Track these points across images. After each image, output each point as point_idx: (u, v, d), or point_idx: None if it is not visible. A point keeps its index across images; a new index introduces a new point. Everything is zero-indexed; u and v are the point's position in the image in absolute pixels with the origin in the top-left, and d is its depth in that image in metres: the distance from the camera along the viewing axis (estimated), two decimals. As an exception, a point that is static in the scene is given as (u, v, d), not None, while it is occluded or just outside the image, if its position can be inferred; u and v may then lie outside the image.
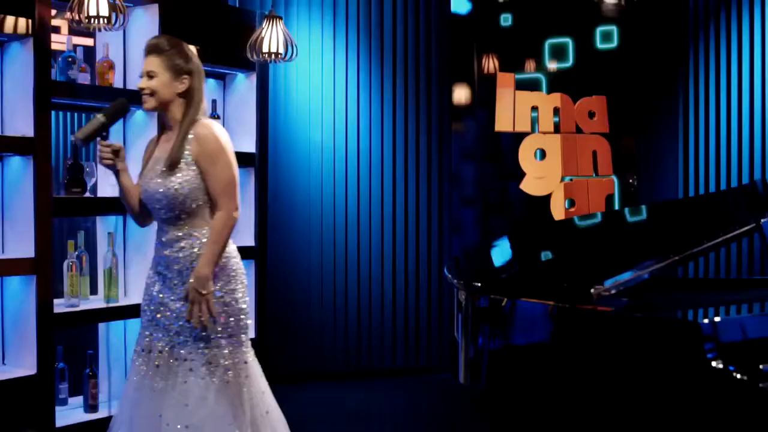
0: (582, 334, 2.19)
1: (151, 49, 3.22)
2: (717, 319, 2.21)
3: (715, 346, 1.93)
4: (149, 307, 3.31)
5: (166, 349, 3.21)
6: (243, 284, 3.32)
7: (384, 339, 6.21)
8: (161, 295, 3.26)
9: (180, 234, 3.22)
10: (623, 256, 2.71)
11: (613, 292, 2.22)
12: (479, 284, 2.48)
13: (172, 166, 3.16)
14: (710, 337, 1.94)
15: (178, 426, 3.10)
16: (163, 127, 3.35)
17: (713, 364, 1.94)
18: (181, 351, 3.18)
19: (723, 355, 1.95)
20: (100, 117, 3.16)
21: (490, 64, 6.16)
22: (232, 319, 3.24)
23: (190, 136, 3.19)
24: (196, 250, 3.21)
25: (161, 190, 3.19)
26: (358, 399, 5.61)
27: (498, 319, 2.35)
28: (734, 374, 1.94)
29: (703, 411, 2.01)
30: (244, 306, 3.29)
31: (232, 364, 3.21)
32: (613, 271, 2.38)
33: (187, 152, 3.18)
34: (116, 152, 3.20)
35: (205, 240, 3.21)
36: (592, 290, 2.20)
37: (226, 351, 3.21)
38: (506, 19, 6.12)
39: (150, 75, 3.20)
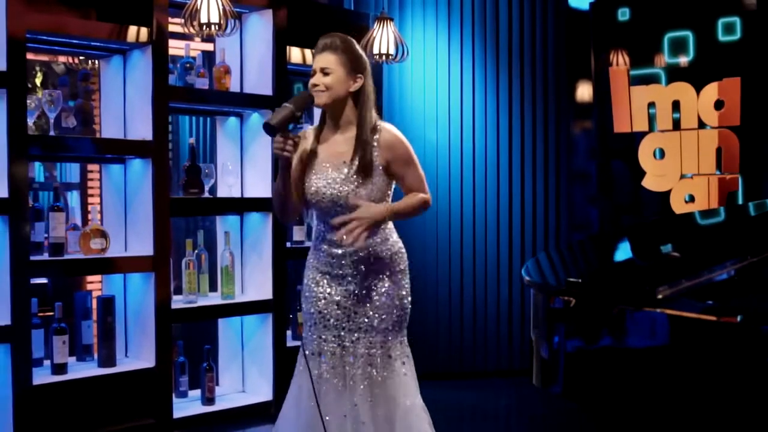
0: (645, 335, 2.14)
1: (326, 47, 3.17)
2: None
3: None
4: (316, 309, 3.24)
5: (338, 349, 3.19)
6: (409, 281, 3.33)
7: (500, 340, 6.17)
8: (330, 293, 3.22)
9: None
10: (709, 256, 2.61)
11: (671, 293, 2.15)
12: (552, 285, 2.44)
13: (366, 173, 3.14)
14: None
15: (371, 422, 3.11)
16: (323, 125, 3.29)
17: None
18: (356, 348, 3.18)
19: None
20: (289, 106, 3.04)
21: (608, 59, 6.01)
22: (402, 313, 3.25)
23: (374, 142, 3.17)
24: (374, 250, 3.21)
25: (347, 196, 3.14)
26: (471, 399, 5.60)
27: (572, 320, 2.31)
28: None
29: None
30: (409, 301, 3.30)
31: (406, 357, 3.24)
32: (690, 271, 2.30)
33: (375, 157, 3.16)
34: (296, 145, 3.08)
35: (381, 240, 3.22)
36: (659, 294, 2.14)
37: (398, 344, 3.23)
38: (624, 14, 5.97)
39: (325, 72, 3.13)
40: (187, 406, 4.75)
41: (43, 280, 5.02)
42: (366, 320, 3.19)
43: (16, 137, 3.99)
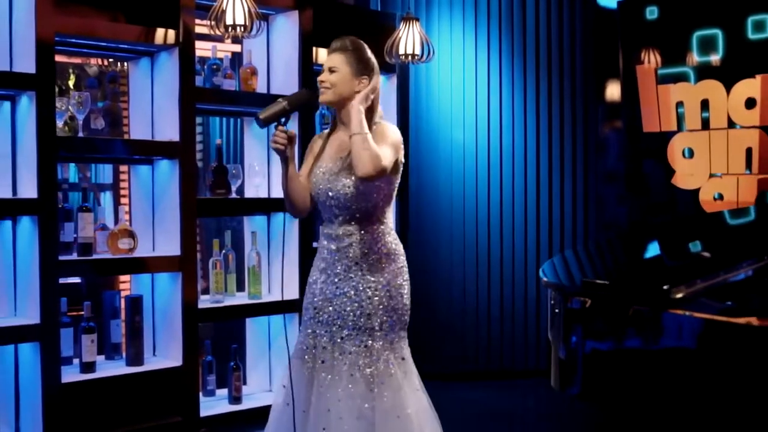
0: (661, 335, 2.13)
1: (335, 48, 3.31)
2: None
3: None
4: (312, 305, 3.37)
5: (329, 344, 3.27)
6: (408, 282, 3.37)
7: (528, 339, 6.15)
8: (325, 291, 3.33)
9: (349, 231, 3.29)
10: (729, 256, 2.58)
11: (688, 294, 2.14)
12: (568, 285, 2.43)
13: (352, 165, 3.20)
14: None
15: (349, 419, 3.15)
16: (334, 125, 3.43)
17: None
18: (344, 345, 3.25)
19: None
20: (282, 102, 3.18)
21: (636, 58, 5.98)
22: (395, 313, 3.30)
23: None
24: (365, 247, 3.27)
25: (338, 188, 3.25)
26: (496, 399, 5.59)
27: (589, 321, 2.31)
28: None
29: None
30: (407, 302, 3.36)
31: (394, 358, 3.27)
32: (708, 271, 2.28)
33: None
34: (290, 139, 3.21)
35: (375, 238, 3.28)
36: (675, 295, 2.13)
37: (388, 344, 3.27)
38: (652, 12, 5.93)
39: (331, 70, 3.27)
40: (214, 404, 4.78)
41: (76, 280, 5.08)
42: (354, 319, 3.26)
43: (45, 139, 4.04)
